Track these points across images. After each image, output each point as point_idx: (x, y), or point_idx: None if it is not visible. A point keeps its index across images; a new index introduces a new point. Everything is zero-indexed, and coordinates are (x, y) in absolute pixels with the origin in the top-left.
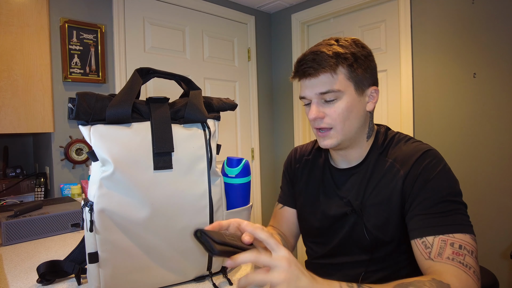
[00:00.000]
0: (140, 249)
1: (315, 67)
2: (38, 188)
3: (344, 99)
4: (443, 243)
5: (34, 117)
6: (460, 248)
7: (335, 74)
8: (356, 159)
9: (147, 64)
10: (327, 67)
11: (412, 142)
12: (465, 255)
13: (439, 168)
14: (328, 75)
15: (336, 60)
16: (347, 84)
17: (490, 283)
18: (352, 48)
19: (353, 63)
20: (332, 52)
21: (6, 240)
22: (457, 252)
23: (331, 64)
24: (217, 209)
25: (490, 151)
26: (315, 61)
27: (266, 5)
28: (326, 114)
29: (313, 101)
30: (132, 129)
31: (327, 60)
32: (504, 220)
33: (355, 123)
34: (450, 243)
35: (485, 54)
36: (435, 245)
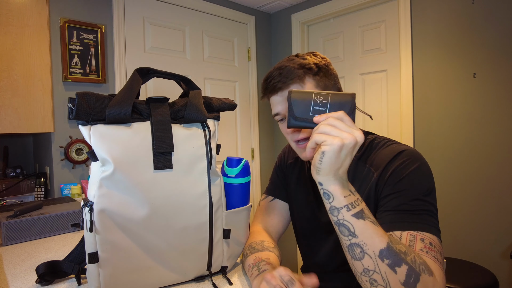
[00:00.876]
0: (140, 249)
1: (284, 80)
2: (38, 188)
3: None
4: (413, 237)
5: (34, 117)
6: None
7: (303, 84)
8: None
9: (147, 64)
10: (295, 78)
11: (389, 145)
12: (437, 252)
13: (412, 168)
14: (297, 86)
15: (302, 71)
16: None
17: (490, 283)
18: (313, 59)
19: (317, 72)
20: (296, 64)
21: (6, 240)
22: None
23: (298, 75)
24: (217, 209)
25: (490, 151)
26: (282, 75)
27: (266, 5)
28: None
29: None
30: (132, 129)
31: (294, 71)
32: (504, 220)
33: None
34: (420, 238)
35: (485, 54)
36: (403, 239)
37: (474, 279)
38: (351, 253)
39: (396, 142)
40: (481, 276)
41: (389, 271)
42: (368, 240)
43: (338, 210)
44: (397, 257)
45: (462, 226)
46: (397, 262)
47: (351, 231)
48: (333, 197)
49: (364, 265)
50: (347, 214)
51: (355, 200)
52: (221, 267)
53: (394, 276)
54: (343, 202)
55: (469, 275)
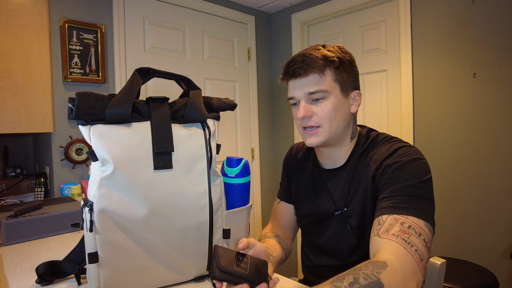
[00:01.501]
0: (140, 249)
1: (305, 68)
2: (38, 188)
3: (330, 100)
4: (394, 221)
5: (34, 117)
6: (408, 228)
7: (323, 75)
8: (340, 159)
9: (147, 64)
10: (316, 68)
11: (389, 141)
12: (411, 234)
13: (407, 159)
14: (317, 76)
15: (324, 62)
16: (333, 85)
17: (490, 283)
18: (338, 53)
19: (339, 66)
20: (320, 54)
21: (6, 240)
22: (404, 231)
23: (320, 65)
24: (217, 209)
25: (490, 151)
26: (305, 62)
27: (266, 5)
28: (314, 113)
29: (302, 101)
30: (132, 129)
31: (316, 61)
32: (504, 220)
33: (341, 123)
34: (401, 222)
35: (485, 54)
36: (386, 223)
37: (474, 279)
38: None
39: (398, 139)
40: (481, 276)
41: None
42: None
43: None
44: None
45: (462, 226)
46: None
47: None
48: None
49: None
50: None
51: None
52: None
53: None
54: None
55: (469, 275)
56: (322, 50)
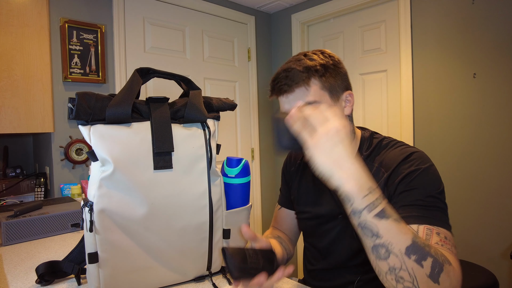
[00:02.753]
0: (140, 249)
1: (289, 84)
2: (38, 188)
3: None
4: (429, 231)
5: (34, 117)
6: (446, 239)
7: (308, 87)
8: None
9: (147, 64)
10: (300, 82)
11: (399, 146)
12: (452, 245)
13: (423, 167)
14: (303, 89)
15: (307, 74)
16: (321, 93)
17: (490, 283)
18: (321, 60)
19: (324, 73)
20: (302, 67)
21: (6, 240)
22: (445, 241)
23: (303, 78)
24: (217, 209)
25: (490, 151)
26: (288, 78)
27: (266, 5)
28: None
29: None
30: (132, 129)
31: (299, 75)
32: (504, 220)
33: None
34: (436, 232)
35: (485, 54)
36: (420, 232)
37: (474, 279)
38: (375, 254)
39: (404, 143)
40: (481, 276)
41: (416, 266)
42: (393, 239)
43: (360, 213)
44: (422, 251)
45: (462, 226)
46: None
47: (375, 232)
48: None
49: (390, 264)
50: (369, 215)
51: (376, 198)
52: (221, 267)
53: (421, 270)
54: (363, 203)
55: (469, 275)
56: (303, 60)
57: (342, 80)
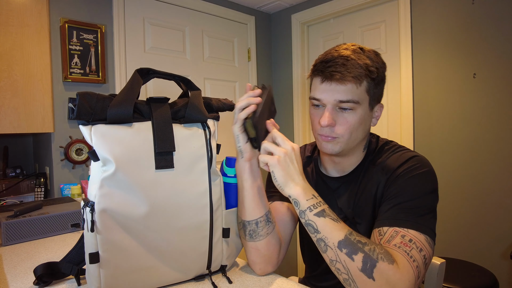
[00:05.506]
0: (141, 249)
1: (344, 73)
2: (38, 188)
3: (358, 112)
4: (395, 233)
5: (34, 117)
6: (409, 242)
7: (359, 85)
8: (348, 168)
9: (147, 64)
10: (356, 77)
11: (400, 150)
12: (412, 248)
13: (417, 172)
14: (354, 85)
15: (364, 72)
16: (365, 97)
17: (490, 283)
18: (376, 62)
19: (376, 78)
20: (362, 62)
21: (6, 240)
22: (405, 243)
23: (360, 75)
24: (217, 208)
25: (490, 151)
26: (345, 67)
27: (266, 5)
28: (338, 123)
29: (328, 107)
30: (133, 129)
31: (358, 69)
32: (504, 220)
33: (360, 136)
34: (402, 235)
35: (485, 54)
36: (387, 234)
37: (474, 279)
38: (319, 248)
39: (408, 149)
40: (481, 276)
41: (347, 259)
42: (328, 234)
43: (304, 213)
44: (354, 246)
45: (462, 226)
46: (354, 251)
47: (315, 228)
48: (298, 203)
49: (329, 256)
50: (310, 214)
51: (317, 202)
52: (220, 266)
53: (352, 263)
54: (306, 205)
55: (469, 275)
56: (363, 56)
57: (382, 90)
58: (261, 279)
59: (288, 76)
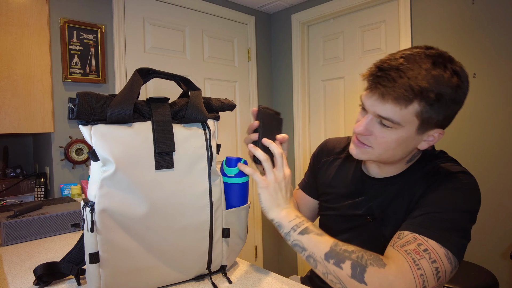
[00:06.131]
0: (141, 249)
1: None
2: (38, 188)
3: (399, 132)
4: (413, 240)
5: (34, 117)
6: (424, 251)
7: (405, 108)
8: (389, 173)
9: (147, 64)
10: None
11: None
12: (423, 257)
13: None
14: (397, 108)
15: (414, 97)
16: (412, 120)
17: (490, 283)
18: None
19: (433, 103)
20: (416, 84)
21: (6, 240)
22: (418, 251)
23: (405, 99)
24: (217, 208)
25: (490, 151)
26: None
27: (266, 5)
28: (373, 134)
29: (369, 115)
30: (133, 129)
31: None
32: (504, 220)
33: (397, 155)
34: (418, 243)
35: (485, 54)
36: (404, 238)
37: (474, 279)
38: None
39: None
40: (481, 276)
41: (336, 269)
42: (315, 248)
43: (288, 234)
44: (340, 256)
45: None
46: (341, 260)
47: (302, 246)
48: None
49: (320, 270)
50: (294, 234)
51: (299, 222)
52: (220, 266)
53: (341, 272)
54: (289, 225)
55: (469, 275)
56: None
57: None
58: (261, 279)
59: (288, 76)
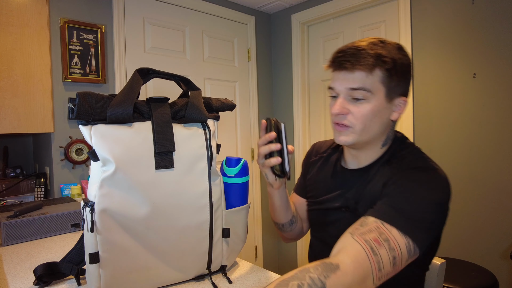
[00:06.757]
0: (141, 249)
1: (353, 62)
2: (38, 188)
3: (371, 101)
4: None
5: (34, 117)
6: (384, 241)
7: (370, 74)
8: (364, 162)
9: (147, 64)
10: (365, 65)
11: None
12: (382, 246)
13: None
14: (364, 74)
15: (375, 61)
16: (379, 87)
17: (490, 283)
18: (394, 54)
19: (391, 68)
20: (374, 52)
21: (6, 240)
22: (377, 240)
23: (369, 64)
24: (217, 208)
25: (490, 151)
26: (355, 56)
27: (266, 5)
28: (350, 112)
29: (340, 96)
30: (133, 129)
31: (367, 58)
32: (504, 220)
33: (375, 128)
34: (380, 232)
35: (485, 54)
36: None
37: (474, 279)
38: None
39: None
40: (481, 276)
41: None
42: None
43: None
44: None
45: (462, 226)
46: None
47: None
48: None
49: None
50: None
51: None
52: (220, 266)
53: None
54: None
55: (469, 275)
56: (377, 46)
57: (404, 83)
58: (261, 279)
59: (288, 76)
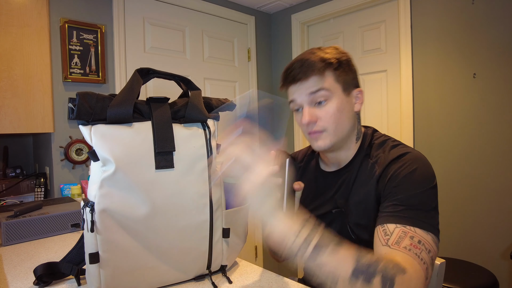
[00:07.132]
0: (141, 249)
1: (304, 71)
2: (38, 188)
3: (334, 100)
4: (403, 234)
5: (34, 117)
6: (418, 243)
7: (323, 76)
8: (344, 161)
9: (147, 64)
10: (316, 70)
11: (396, 146)
12: (422, 250)
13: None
14: (317, 77)
15: (323, 64)
16: (335, 86)
17: (490, 283)
18: (335, 54)
19: (338, 67)
20: (318, 58)
21: (6, 240)
22: (415, 245)
23: (319, 68)
24: (217, 208)
25: (490, 151)
26: (304, 66)
27: (266, 5)
28: (319, 117)
29: (305, 106)
30: (133, 129)
31: (315, 64)
32: (504, 220)
33: (346, 124)
34: (410, 236)
35: (485, 54)
36: (394, 234)
37: (474, 279)
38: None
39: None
40: (481, 276)
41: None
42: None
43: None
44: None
45: (462, 226)
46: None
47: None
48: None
49: None
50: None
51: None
52: (220, 266)
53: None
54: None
55: (469, 275)
56: (318, 53)
57: (353, 76)
58: (261, 279)
59: None
